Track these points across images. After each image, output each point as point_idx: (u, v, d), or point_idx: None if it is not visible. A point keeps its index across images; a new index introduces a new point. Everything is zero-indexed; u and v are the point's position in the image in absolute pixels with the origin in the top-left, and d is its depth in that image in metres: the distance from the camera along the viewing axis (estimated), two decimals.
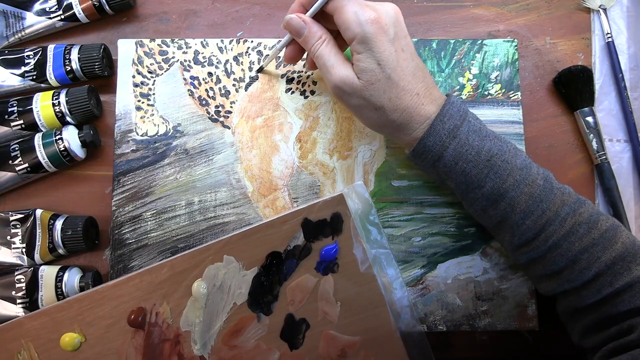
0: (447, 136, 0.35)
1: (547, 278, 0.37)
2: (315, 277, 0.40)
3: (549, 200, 0.35)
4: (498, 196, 0.35)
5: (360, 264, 0.40)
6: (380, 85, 0.35)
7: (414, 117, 0.36)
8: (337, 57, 0.36)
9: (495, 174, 0.35)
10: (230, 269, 0.40)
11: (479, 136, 0.36)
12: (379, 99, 0.35)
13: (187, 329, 0.40)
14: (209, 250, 0.40)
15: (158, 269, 0.40)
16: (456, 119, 0.35)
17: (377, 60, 0.34)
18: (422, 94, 0.36)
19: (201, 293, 0.40)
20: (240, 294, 0.40)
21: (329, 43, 0.36)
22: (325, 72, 0.36)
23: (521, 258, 0.37)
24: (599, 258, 0.34)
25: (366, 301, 0.40)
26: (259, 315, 0.40)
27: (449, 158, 0.35)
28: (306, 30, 0.36)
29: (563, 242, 0.35)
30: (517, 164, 0.35)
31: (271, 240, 0.40)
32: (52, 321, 0.40)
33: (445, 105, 0.36)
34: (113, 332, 0.40)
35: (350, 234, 0.40)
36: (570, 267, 0.35)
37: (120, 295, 0.40)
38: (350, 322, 0.40)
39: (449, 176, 0.37)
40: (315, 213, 0.40)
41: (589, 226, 0.34)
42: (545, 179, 0.36)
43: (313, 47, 0.37)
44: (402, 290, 0.42)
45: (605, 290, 0.33)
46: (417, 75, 0.36)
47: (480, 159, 0.35)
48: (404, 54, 0.35)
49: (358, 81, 0.35)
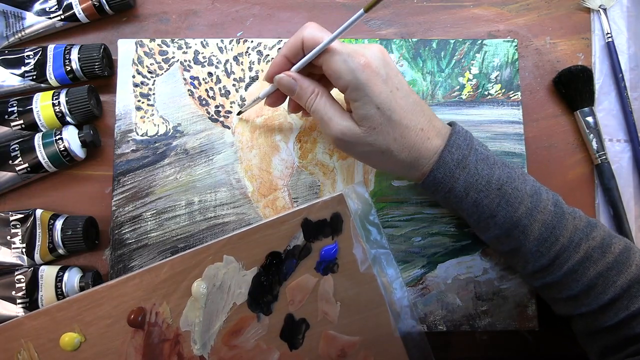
0: (456, 167, 0.35)
1: (563, 302, 0.37)
2: (315, 277, 0.40)
3: (562, 226, 0.35)
4: (511, 225, 0.35)
5: (360, 264, 0.40)
6: (383, 129, 0.34)
7: (422, 152, 0.35)
8: (333, 109, 0.36)
9: (507, 202, 0.35)
10: (230, 269, 0.40)
11: (487, 164, 0.35)
12: (385, 141, 0.35)
13: (187, 329, 0.40)
14: (209, 250, 0.40)
15: (158, 269, 0.40)
16: (463, 148, 0.35)
17: (376, 104, 0.34)
18: (425, 128, 0.35)
19: (201, 293, 0.40)
20: (240, 293, 0.40)
21: (323, 95, 0.36)
22: (324, 125, 0.36)
23: (536, 283, 0.37)
24: (615, 282, 0.34)
25: (366, 301, 0.40)
26: (258, 315, 0.40)
27: (460, 189, 0.35)
28: (297, 87, 0.36)
29: (578, 267, 0.34)
30: (527, 191, 0.35)
31: (271, 240, 0.40)
32: (51, 321, 0.40)
33: (452, 135, 0.36)
34: (113, 332, 0.40)
35: (350, 234, 0.40)
36: (586, 292, 0.35)
37: (120, 295, 0.40)
38: (350, 322, 0.40)
39: (460, 207, 0.36)
40: (315, 213, 0.40)
41: (602, 250, 0.34)
42: (555, 204, 0.36)
43: (307, 102, 0.36)
44: (402, 290, 0.42)
45: (622, 313, 0.33)
46: (416, 111, 0.35)
47: (491, 188, 0.35)
48: (399, 93, 0.35)
49: (360, 129, 0.35)
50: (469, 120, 0.45)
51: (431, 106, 0.45)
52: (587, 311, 0.35)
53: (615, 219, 0.44)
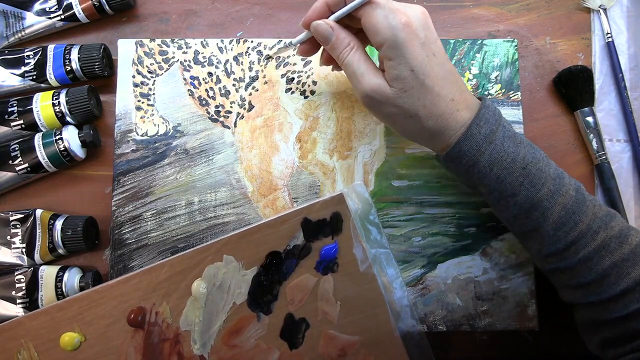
0: (483, 141, 0.34)
1: (573, 288, 0.36)
2: (315, 277, 0.40)
3: (582, 212, 0.34)
4: (531, 206, 0.35)
5: (360, 263, 0.40)
6: (415, 93, 0.34)
7: (450, 123, 0.35)
8: (366, 65, 0.35)
9: (530, 182, 0.34)
10: (230, 269, 0.40)
11: (514, 142, 0.35)
12: (414, 106, 0.34)
13: (187, 329, 0.40)
14: (209, 249, 0.40)
15: (158, 269, 0.40)
16: (492, 123, 0.35)
17: (410, 67, 0.33)
18: (457, 99, 0.35)
19: (201, 292, 0.40)
20: (240, 293, 0.40)
21: (358, 50, 0.35)
22: (354, 80, 0.35)
23: (547, 266, 0.37)
24: (629, 274, 0.33)
25: (366, 301, 0.40)
26: (258, 314, 0.40)
27: (484, 164, 0.35)
28: (334, 37, 0.35)
29: (594, 255, 0.34)
30: (551, 174, 0.35)
31: (271, 240, 0.40)
32: (51, 321, 0.40)
33: (482, 109, 0.35)
34: (113, 332, 0.40)
35: (350, 233, 0.40)
36: (599, 281, 0.34)
37: (120, 294, 0.40)
38: (350, 321, 0.40)
39: (482, 182, 0.36)
40: (315, 213, 0.40)
41: (620, 240, 0.34)
42: (577, 189, 0.35)
43: (341, 54, 0.36)
44: (402, 290, 0.42)
45: (633, 306, 0.33)
46: (450, 80, 0.35)
47: (515, 166, 0.34)
48: (436, 59, 0.34)
49: (390, 89, 0.34)
50: None
51: None
52: (596, 300, 0.34)
53: None
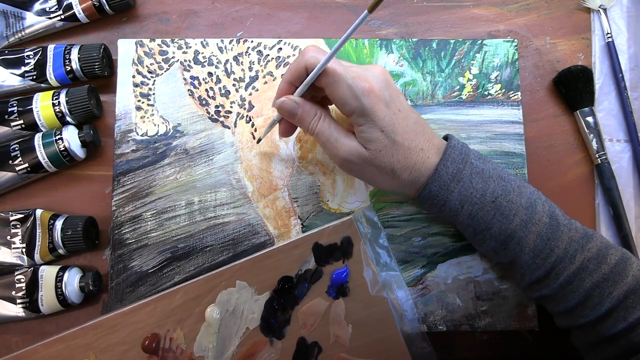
0: (451, 180, 0.36)
1: (562, 314, 0.37)
2: (326, 301, 0.41)
3: (557, 237, 0.35)
4: (506, 237, 0.36)
5: (370, 287, 0.41)
6: (388, 151, 0.35)
7: (422, 171, 0.36)
8: (337, 131, 0.36)
9: (502, 214, 0.35)
10: (242, 294, 0.41)
11: (482, 178, 0.36)
12: (389, 163, 0.35)
13: (201, 354, 0.40)
14: (222, 275, 0.41)
15: (171, 295, 0.40)
16: (458, 162, 0.36)
17: (380, 128, 0.34)
18: (425, 147, 0.36)
19: (214, 318, 0.40)
20: (253, 318, 0.40)
21: (326, 118, 0.36)
22: (330, 147, 0.36)
23: (533, 295, 0.38)
24: (611, 293, 0.34)
25: (377, 324, 0.40)
26: (271, 339, 0.40)
27: (455, 202, 0.36)
28: (299, 110, 0.36)
29: (573, 278, 0.35)
30: (522, 203, 0.36)
31: (283, 265, 0.41)
32: (66, 349, 0.40)
33: (447, 150, 0.36)
34: (128, 359, 0.40)
35: (361, 257, 0.41)
36: (583, 303, 0.35)
37: (135, 321, 0.40)
38: (362, 344, 0.40)
39: (456, 220, 0.37)
40: (325, 237, 0.41)
41: (598, 261, 0.35)
42: (550, 215, 0.36)
43: (310, 125, 0.36)
44: (412, 312, 0.42)
45: (620, 324, 0.33)
46: (417, 132, 0.36)
47: (485, 201, 0.35)
48: (401, 114, 0.35)
49: (366, 151, 0.35)
50: (469, 121, 0.45)
51: (431, 106, 0.45)
52: (585, 322, 0.35)
53: (615, 219, 0.44)
